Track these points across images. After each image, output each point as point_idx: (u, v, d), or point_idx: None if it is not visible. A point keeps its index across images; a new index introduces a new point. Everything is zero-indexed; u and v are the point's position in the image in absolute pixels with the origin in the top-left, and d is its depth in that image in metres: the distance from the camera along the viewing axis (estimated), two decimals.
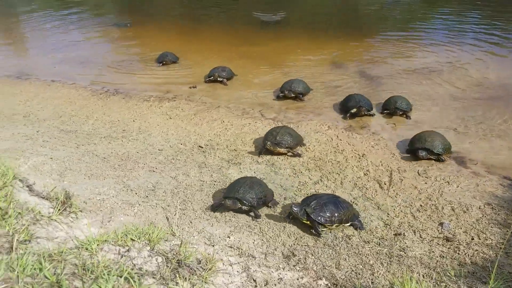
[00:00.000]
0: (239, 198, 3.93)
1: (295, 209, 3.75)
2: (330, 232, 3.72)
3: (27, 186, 3.63)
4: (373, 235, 3.65)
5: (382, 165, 5.01)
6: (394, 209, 4.13)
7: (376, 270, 3.07)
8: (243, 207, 3.97)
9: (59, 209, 3.25)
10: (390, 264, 3.18)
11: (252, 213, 4.00)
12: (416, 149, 5.11)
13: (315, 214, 3.68)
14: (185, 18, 12.57)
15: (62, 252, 2.54)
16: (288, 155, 5.22)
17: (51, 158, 4.90)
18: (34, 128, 5.97)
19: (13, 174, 3.48)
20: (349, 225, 3.79)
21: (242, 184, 4.09)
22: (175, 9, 13.73)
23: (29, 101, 7.08)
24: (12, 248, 2.48)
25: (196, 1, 14.30)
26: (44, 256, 2.42)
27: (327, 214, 3.68)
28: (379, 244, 3.50)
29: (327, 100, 6.92)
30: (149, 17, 12.66)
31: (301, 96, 6.89)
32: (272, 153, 5.22)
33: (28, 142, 5.39)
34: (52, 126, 6.09)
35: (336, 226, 3.72)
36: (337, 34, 10.46)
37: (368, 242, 3.52)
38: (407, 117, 6.20)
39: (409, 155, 5.22)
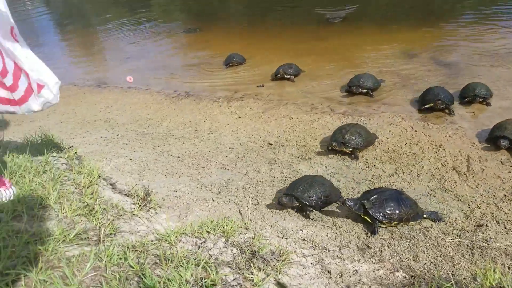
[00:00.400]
0: (296, 196, 3.82)
1: (349, 203, 3.59)
2: (387, 228, 3.53)
3: (111, 184, 3.87)
4: (453, 227, 3.47)
5: (461, 155, 4.75)
6: (475, 200, 3.90)
7: (457, 262, 2.92)
8: (304, 206, 3.83)
9: (140, 205, 3.43)
10: (472, 255, 3.01)
11: (307, 212, 3.82)
12: (495, 138, 4.75)
13: (373, 210, 3.49)
14: (251, 19, 12.73)
15: (144, 243, 2.68)
16: (350, 157, 4.96)
17: (131, 159, 5.18)
18: (114, 132, 6.34)
19: (97, 174, 3.73)
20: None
21: (302, 182, 3.96)
22: (241, 11, 13.95)
23: (109, 108, 7.53)
24: (99, 240, 2.66)
25: (260, 2, 14.42)
26: (128, 247, 2.57)
27: (387, 211, 3.48)
28: (460, 235, 3.32)
29: (400, 91, 6.68)
30: (217, 21, 12.96)
31: (370, 91, 6.63)
32: (332, 152, 5.05)
33: (110, 145, 5.73)
34: (130, 130, 6.43)
35: (396, 224, 3.50)
36: (408, 21, 10.08)
37: (448, 233, 3.36)
38: (487, 104, 5.82)
39: (489, 144, 4.86)
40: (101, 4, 19.67)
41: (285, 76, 7.63)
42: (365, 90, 6.61)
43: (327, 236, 3.43)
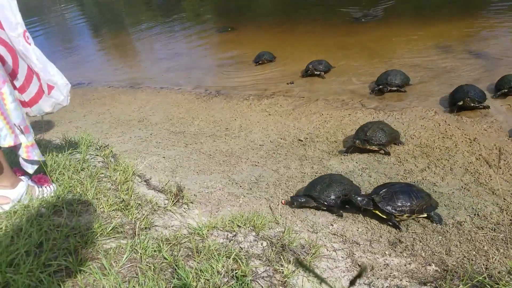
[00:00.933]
0: (314, 197, 3.80)
1: (358, 198, 3.57)
2: (400, 222, 3.48)
3: (145, 181, 3.99)
4: (488, 221, 3.40)
5: (496, 148, 4.63)
6: (511, 193, 3.80)
7: (491, 256, 2.86)
8: (321, 206, 3.82)
9: (173, 201, 3.53)
10: (507, 249, 2.94)
11: (333, 210, 3.79)
12: None
13: (383, 203, 3.46)
14: (281, 17, 12.73)
15: (177, 237, 2.76)
16: (380, 153, 4.92)
17: (164, 157, 5.31)
18: (148, 131, 6.51)
19: (132, 171, 3.85)
20: (425, 217, 3.52)
21: (320, 182, 3.93)
22: (271, 9, 13.98)
23: (142, 108, 7.72)
24: (135, 233, 2.76)
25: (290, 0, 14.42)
26: (162, 240, 2.66)
27: (397, 204, 3.44)
28: (495, 230, 3.25)
29: (433, 85, 6.56)
30: (248, 20, 13.02)
31: (400, 88, 6.49)
32: (362, 150, 4.98)
33: (143, 144, 5.89)
34: (163, 129, 6.58)
35: (408, 216, 3.45)
36: (442, 13, 9.85)
37: (482, 228, 3.29)
38: None
39: None
40: (134, 7, 20.12)
41: (315, 73, 7.61)
42: (394, 88, 6.49)
43: (357, 230, 3.43)
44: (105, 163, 4.12)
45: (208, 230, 2.91)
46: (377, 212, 3.55)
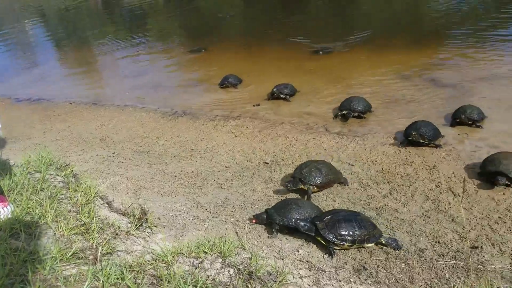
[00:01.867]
0: (278, 217, 3.82)
1: (301, 223, 3.57)
2: (341, 252, 3.49)
3: (107, 203, 3.88)
4: (448, 249, 3.50)
5: (455, 176, 4.80)
6: (469, 221, 3.94)
7: (452, 284, 2.94)
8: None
9: (136, 224, 3.44)
10: (468, 278, 3.03)
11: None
12: (490, 173, 4.51)
13: (324, 230, 3.45)
14: (250, 40, 12.81)
15: (141, 263, 2.68)
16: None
17: (127, 178, 5.19)
18: (110, 150, 6.36)
19: (94, 192, 3.74)
20: (381, 243, 3.54)
21: (286, 205, 3.96)
22: (240, 32, 14.08)
23: (105, 125, 7.55)
24: (96, 259, 2.66)
25: (260, 25, 14.61)
26: (125, 267, 2.57)
27: (340, 232, 3.43)
28: (455, 257, 3.35)
29: (394, 112, 6.75)
30: (217, 41, 12.98)
31: (362, 114, 6.61)
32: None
33: (105, 163, 5.74)
34: (126, 148, 6.45)
35: (349, 246, 3.45)
36: (402, 43, 10.22)
37: (443, 255, 3.38)
38: (478, 126, 5.89)
39: (482, 180, 4.63)
40: (99, 22, 19.86)
41: (281, 96, 7.70)
42: (356, 114, 6.61)
43: (323, 257, 3.44)
44: (66, 183, 3.99)
45: (173, 257, 2.85)
46: (318, 238, 3.56)
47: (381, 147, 5.69)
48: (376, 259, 3.42)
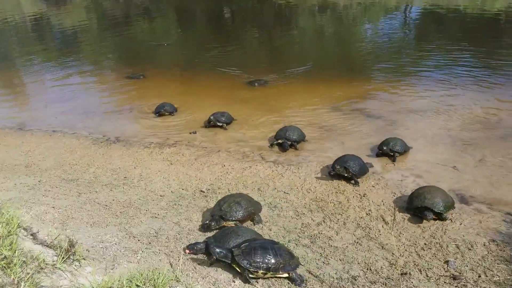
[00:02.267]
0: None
1: (216, 250, 3.57)
2: (257, 281, 3.49)
3: (31, 235, 3.63)
4: (379, 275, 3.62)
5: (384, 204, 5.03)
6: (398, 248, 4.12)
7: None
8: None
9: (63, 257, 3.24)
10: None
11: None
12: (417, 208, 4.68)
13: (239, 257, 3.48)
14: (187, 68, 12.72)
15: None
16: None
17: (53, 207, 4.91)
18: (36, 178, 6.01)
19: (17, 223, 3.49)
20: (285, 277, 3.55)
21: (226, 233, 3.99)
22: (179, 61, 13.94)
23: (31, 152, 7.13)
24: None
25: (196, 53, 14.65)
26: None
27: (254, 259, 3.46)
28: (385, 284, 3.47)
29: (326, 142, 6.99)
30: (157, 68, 12.66)
31: (296, 144, 6.73)
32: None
33: (31, 192, 5.41)
34: (53, 176, 6.12)
35: (263, 273, 3.48)
36: (334, 76, 10.66)
37: (374, 282, 3.49)
38: (394, 160, 6.14)
39: (410, 214, 4.79)
40: (27, 44, 18.99)
41: (218, 124, 7.70)
42: (290, 143, 6.71)
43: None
44: None
45: None
46: (234, 265, 3.56)
47: (315, 175, 5.84)
48: (311, 287, 3.45)
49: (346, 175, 5.56)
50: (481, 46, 12.87)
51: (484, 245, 4.15)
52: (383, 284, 3.46)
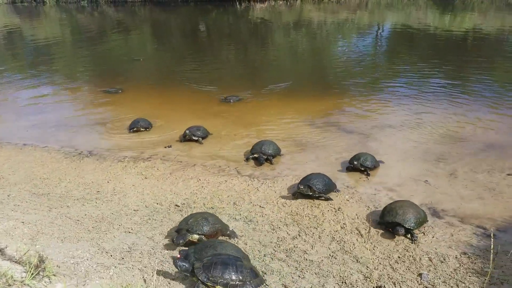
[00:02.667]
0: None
1: (179, 263, 3.56)
2: None
3: None
4: None
5: (358, 218, 5.08)
6: (372, 261, 4.15)
7: None
8: None
9: (32, 273, 3.14)
10: None
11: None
12: (388, 223, 4.72)
13: (199, 270, 3.48)
14: (164, 83, 12.65)
15: None
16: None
17: (23, 222, 4.77)
18: (5, 192, 5.84)
19: None
20: None
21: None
22: (154, 76, 13.84)
23: (0, 165, 6.93)
24: None
25: (172, 69, 14.64)
26: None
27: (213, 273, 3.43)
28: None
29: (301, 156, 7.03)
30: (131, 83, 12.54)
31: (271, 158, 6.76)
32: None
33: None
34: (23, 190, 5.96)
35: None
36: (308, 92, 10.81)
37: None
38: (367, 175, 6.21)
39: (382, 229, 4.83)
40: None
41: (193, 138, 7.67)
42: (265, 157, 6.74)
43: None
44: None
45: None
46: (194, 279, 3.54)
47: (290, 189, 5.85)
48: None
49: (311, 193, 5.43)
50: (450, 63, 13.35)
51: (456, 257, 4.23)
52: None
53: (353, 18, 26.54)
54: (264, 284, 3.67)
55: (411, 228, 4.60)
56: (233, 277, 3.43)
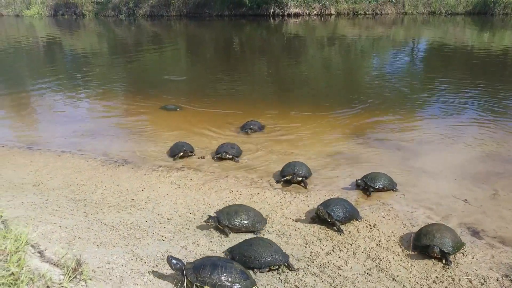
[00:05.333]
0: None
1: (173, 261, 3.71)
2: None
3: (39, 252, 3.58)
4: None
5: (394, 235, 4.95)
6: (409, 280, 4.03)
7: None
8: None
9: (69, 276, 3.18)
10: None
11: None
12: (425, 246, 4.52)
13: (188, 270, 3.59)
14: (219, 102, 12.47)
15: None
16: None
17: (60, 227, 4.86)
18: (44, 197, 5.98)
19: (25, 240, 3.45)
20: None
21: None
22: (196, 95, 13.69)
23: (39, 171, 7.14)
24: None
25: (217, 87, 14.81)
26: None
27: (201, 274, 3.54)
28: None
29: (336, 171, 6.93)
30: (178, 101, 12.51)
31: (305, 179, 6.42)
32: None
33: (37, 211, 5.37)
34: (61, 195, 6.10)
35: None
36: (342, 109, 10.70)
37: None
38: (369, 194, 6.00)
39: (416, 252, 4.62)
40: (38, 65, 19.32)
41: (228, 157, 7.38)
42: (300, 178, 6.39)
43: None
44: None
45: None
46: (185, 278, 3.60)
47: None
48: None
49: (329, 220, 5.13)
50: (490, 80, 13.00)
51: (497, 280, 4.06)
52: None
53: (388, 33, 26.33)
54: (256, 287, 3.67)
55: (449, 252, 4.40)
56: (223, 278, 3.50)
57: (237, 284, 3.50)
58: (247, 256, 4.12)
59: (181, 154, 7.58)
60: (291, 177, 6.41)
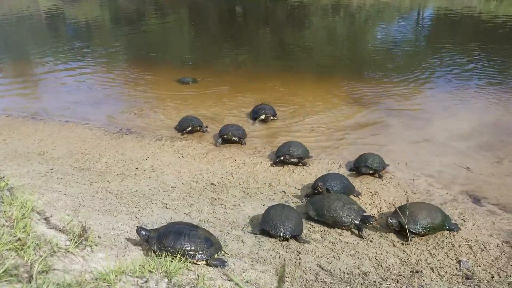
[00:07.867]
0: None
1: (142, 232, 3.66)
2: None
3: (44, 219, 3.64)
4: (390, 272, 3.59)
5: (395, 203, 4.99)
6: (410, 246, 4.08)
7: None
8: None
9: (75, 242, 3.24)
10: None
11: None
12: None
13: (152, 240, 3.55)
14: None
15: (80, 282, 2.52)
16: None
17: (65, 195, 4.93)
18: (49, 166, 6.04)
19: (31, 207, 3.50)
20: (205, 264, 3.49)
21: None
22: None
23: (44, 140, 7.18)
24: (31, 277, 2.47)
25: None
26: (63, 286, 2.41)
27: (164, 243, 3.46)
28: (397, 281, 3.44)
29: (336, 142, 6.92)
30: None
31: (302, 160, 6.07)
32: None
33: (43, 179, 5.43)
34: (66, 164, 6.16)
35: (171, 258, 3.27)
36: (352, 77, 10.60)
37: (386, 279, 3.47)
38: (380, 176, 5.64)
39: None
40: (41, 35, 19.15)
41: (233, 138, 6.77)
42: (295, 160, 6.04)
43: (270, 280, 3.41)
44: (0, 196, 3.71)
45: (116, 276, 2.70)
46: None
47: (326, 172, 5.80)
48: (322, 281, 3.44)
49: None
50: (496, 49, 12.77)
51: (497, 246, 4.11)
52: (394, 281, 3.43)
53: (394, 1, 25.77)
54: (221, 252, 3.64)
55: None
56: (185, 247, 3.42)
57: (200, 252, 3.47)
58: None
59: (190, 128, 7.30)
60: (285, 157, 6.03)
